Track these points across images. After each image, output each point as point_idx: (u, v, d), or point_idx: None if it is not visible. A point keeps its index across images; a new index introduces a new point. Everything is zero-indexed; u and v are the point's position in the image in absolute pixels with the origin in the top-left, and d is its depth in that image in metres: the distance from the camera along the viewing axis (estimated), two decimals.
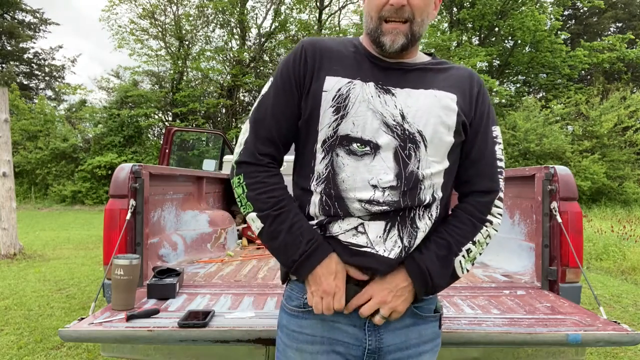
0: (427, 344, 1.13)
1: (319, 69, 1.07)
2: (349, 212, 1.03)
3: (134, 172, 2.09)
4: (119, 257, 1.77)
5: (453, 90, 1.08)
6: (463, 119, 1.07)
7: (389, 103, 1.03)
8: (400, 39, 1.02)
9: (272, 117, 1.09)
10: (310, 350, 1.08)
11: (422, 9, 1.02)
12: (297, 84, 1.09)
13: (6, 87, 7.21)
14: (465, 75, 1.13)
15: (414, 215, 1.04)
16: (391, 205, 1.02)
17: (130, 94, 18.15)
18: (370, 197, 1.02)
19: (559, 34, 19.51)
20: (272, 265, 2.73)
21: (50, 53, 23.72)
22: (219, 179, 4.00)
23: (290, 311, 1.12)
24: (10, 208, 6.71)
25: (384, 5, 1.01)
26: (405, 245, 1.04)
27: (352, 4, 21.65)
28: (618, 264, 6.24)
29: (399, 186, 1.02)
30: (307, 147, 1.09)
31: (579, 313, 1.74)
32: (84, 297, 4.56)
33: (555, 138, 15.05)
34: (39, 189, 17.34)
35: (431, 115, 1.04)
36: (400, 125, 1.03)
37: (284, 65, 1.11)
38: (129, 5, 19.96)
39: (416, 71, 1.09)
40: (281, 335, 1.14)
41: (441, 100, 1.05)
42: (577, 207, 2.08)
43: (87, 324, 1.55)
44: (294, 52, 1.11)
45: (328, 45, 1.11)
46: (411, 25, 1.03)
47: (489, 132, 1.13)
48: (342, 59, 1.08)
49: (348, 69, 1.06)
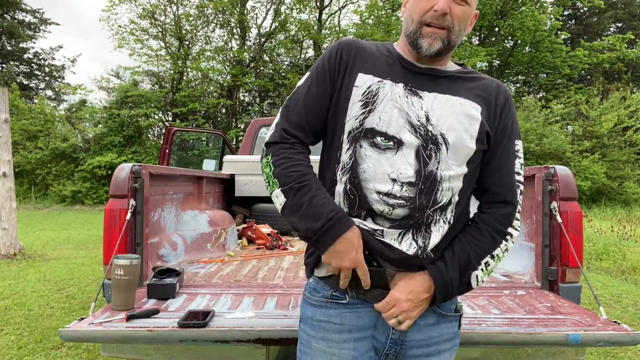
0: (446, 342, 1.16)
1: (353, 65, 1.12)
2: (368, 203, 1.07)
3: (134, 172, 2.09)
4: (119, 257, 1.77)
5: (478, 101, 1.12)
6: (487, 129, 1.11)
7: (415, 104, 1.07)
8: (437, 43, 1.07)
9: (304, 104, 1.14)
10: (337, 339, 1.10)
11: (462, 19, 1.07)
12: (332, 78, 1.14)
13: (6, 87, 7.21)
14: (493, 86, 1.16)
15: (430, 221, 1.08)
16: (407, 200, 1.05)
17: (130, 94, 18.15)
18: (389, 190, 1.05)
19: (559, 34, 19.51)
20: (272, 265, 2.73)
21: (50, 53, 23.72)
22: (219, 179, 4.00)
23: (317, 302, 1.15)
24: (10, 208, 6.71)
25: (428, 10, 1.05)
26: (420, 246, 1.07)
27: (352, 4, 21.68)
28: (618, 264, 6.24)
29: (417, 183, 1.05)
30: (335, 138, 1.14)
31: (579, 313, 1.74)
32: (84, 297, 4.56)
33: (555, 138, 15.05)
34: (39, 189, 17.34)
35: (455, 121, 1.07)
36: (424, 126, 1.06)
37: (320, 60, 1.17)
38: (129, 5, 20.01)
39: (445, 78, 1.13)
40: (304, 327, 1.17)
41: (466, 108, 1.09)
42: (577, 207, 2.08)
43: (87, 324, 1.55)
44: (332, 49, 1.16)
45: (364, 46, 1.16)
46: (449, 33, 1.07)
47: (511, 145, 1.16)
48: (375, 60, 1.13)
49: (380, 69, 1.11)
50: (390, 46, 1.18)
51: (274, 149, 1.12)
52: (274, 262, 2.84)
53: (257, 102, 22.09)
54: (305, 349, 1.15)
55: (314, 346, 1.13)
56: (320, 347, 1.12)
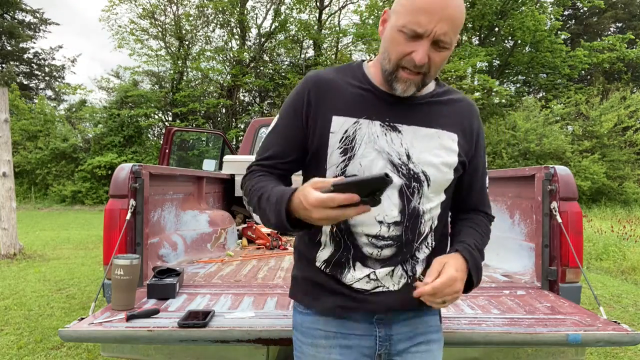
0: (434, 333, 1.19)
1: (325, 107, 1.09)
2: (358, 247, 1.08)
3: (134, 172, 2.09)
4: (119, 257, 1.77)
5: (455, 130, 1.12)
6: (463, 159, 1.13)
7: (395, 141, 1.07)
8: (411, 88, 1.05)
9: (276, 139, 1.15)
10: (324, 344, 1.14)
11: (440, 64, 1.04)
12: (302, 120, 1.11)
13: (6, 87, 7.21)
14: (466, 109, 1.16)
15: (415, 250, 1.11)
16: (395, 239, 1.07)
17: (130, 94, 18.15)
18: (377, 233, 1.07)
19: (559, 34, 19.50)
20: (272, 265, 2.73)
21: (50, 53, 23.73)
22: (219, 179, 4.00)
23: (303, 310, 1.19)
24: (10, 208, 6.71)
25: (406, 55, 1.00)
26: (410, 275, 1.11)
27: (352, 4, 21.67)
28: (618, 264, 6.25)
29: (402, 221, 1.07)
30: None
31: (579, 313, 1.74)
32: (84, 297, 4.56)
33: (555, 138, 15.05)
34: (39, 189, 17.34)
35: (433, 157, 1.08)
36: (406, 165, 1.06)
37: (289, 105, 1.14)
38: (129, 5, 20.01)
39: (422, 105, 1.11)
40: (296, 334, 1.21)
41: (443, 141, 1.10)
42: (577, 207, 2.08)
43: (87, 324, 1.55)
44: (298, 92, 1.12)
45: (332, 81, 1.11)
46: (424, 77, 1.04)
47: (484, 165, 1.22)
48: (346, 97, 1.09)
49: (353, 108, 1.08)
50: (360, 71, 1.13)
51: (244, 179, 1.16)
52: (274, 262, 2.84)
53: (257, 102, 22.09)
54: (299, 354, 1.19)
55: (305, 351, 1.17)
56: (310, 352, 1.15)
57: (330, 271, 1.11)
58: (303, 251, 1.18)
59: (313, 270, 1.14)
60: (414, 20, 0.96)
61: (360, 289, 1.09)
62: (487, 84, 17.05)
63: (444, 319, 1.63)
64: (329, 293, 1.12)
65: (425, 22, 0.95)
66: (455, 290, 1.00)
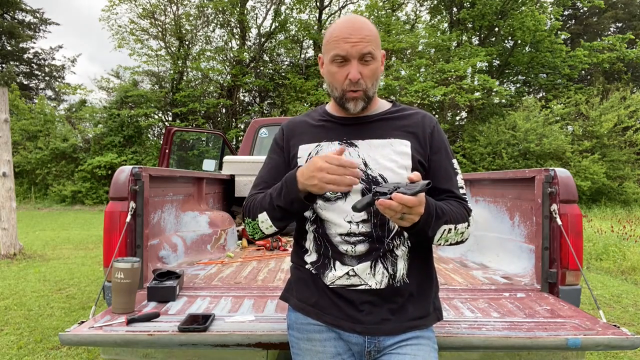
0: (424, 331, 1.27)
1: (294, 142, 1.33)
2: (334, 246, 1.24)
3: (134, 175, 2.09)
4: (119, 260, 1.76)
5: (407, 137, 1.28)
6: (419, 159, 1.26)
7: (352, 154, 1.26)
8: (360, 103, 1.25)
9: (267, 171, 1.36)
10: (319, 337, 1.26)
11: (372, 76, 1.24)
12: (283, 152, 1.36)
13: (6, 87, 7.21)
14: (419, 119, 1.32)
15: (392, 247, 1.23)
16: (366, 235, 1.22)
17: (130, 94, 18.15)
18: (348, 231, 1.23)
19: (559, 34, 19.49)
20: (272, 266, 2.73)
21: (50, 53, 23.72)
22: (219, 179, 4.00)
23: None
24: (10, 208, 6.71)
25: (345, 79, 1.22)
26: (391, 274, 1.22)
27: (352, 4, 21.66)
28: (618, 264, 6.25)
29: (369, 219, 1.22)
30: None
31: (579, 316, 1.74)
32: (83, 297, 4.56)
33: (555, 138, 15.06)
34: (39, 189, 17.35)
35: (388, 162, 1.24)
36: (364, 172, 1.23)
37: (273, 144, 1.40)
38: (129, 5, 19.94)
39: (376, 122, 1.30)
40: (292, 332, 1.32)
41: (396, 147, 1.26)
42: (577, 209, 2.08)
43: (87, 327, 1.55)
44: (278, 134, 1.39)
45: (300, 123, 1.38)
46: (366, 91, 1.24)
47: (450, 164, 1.31)
48: (311, 130, 1.34)
49: (316, 136, 1.31)
50: (322, 109, 1.38)
51: (244, 209, 1.32)
52: (274, 263, 2.84)
53: (257, 102, 22.08)
54: (297, 350, 1.30)
55: (302, 347, 1.28)
56: (307, 346, 1.27)
57: (315, 271, 1.28)
58: (295, 260, 1.38)
59: (305, 273, 1.31)
60: (338, 49, 1.20)
61: (340, 285, 1.23)
62: (487, 84, 17.05)
63: (444, 323, 1.63)
64: (315, 289, 1.27)
65: (347, 47, 1.19)
66: (418, 212, 1.05)
